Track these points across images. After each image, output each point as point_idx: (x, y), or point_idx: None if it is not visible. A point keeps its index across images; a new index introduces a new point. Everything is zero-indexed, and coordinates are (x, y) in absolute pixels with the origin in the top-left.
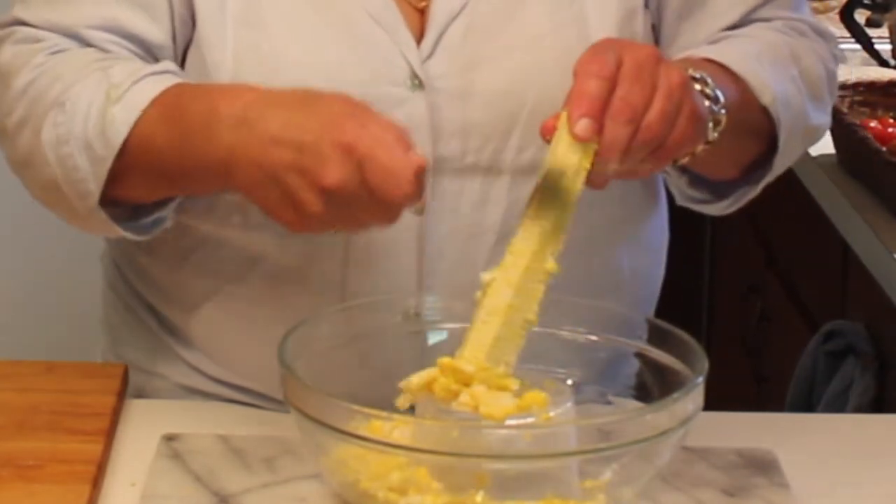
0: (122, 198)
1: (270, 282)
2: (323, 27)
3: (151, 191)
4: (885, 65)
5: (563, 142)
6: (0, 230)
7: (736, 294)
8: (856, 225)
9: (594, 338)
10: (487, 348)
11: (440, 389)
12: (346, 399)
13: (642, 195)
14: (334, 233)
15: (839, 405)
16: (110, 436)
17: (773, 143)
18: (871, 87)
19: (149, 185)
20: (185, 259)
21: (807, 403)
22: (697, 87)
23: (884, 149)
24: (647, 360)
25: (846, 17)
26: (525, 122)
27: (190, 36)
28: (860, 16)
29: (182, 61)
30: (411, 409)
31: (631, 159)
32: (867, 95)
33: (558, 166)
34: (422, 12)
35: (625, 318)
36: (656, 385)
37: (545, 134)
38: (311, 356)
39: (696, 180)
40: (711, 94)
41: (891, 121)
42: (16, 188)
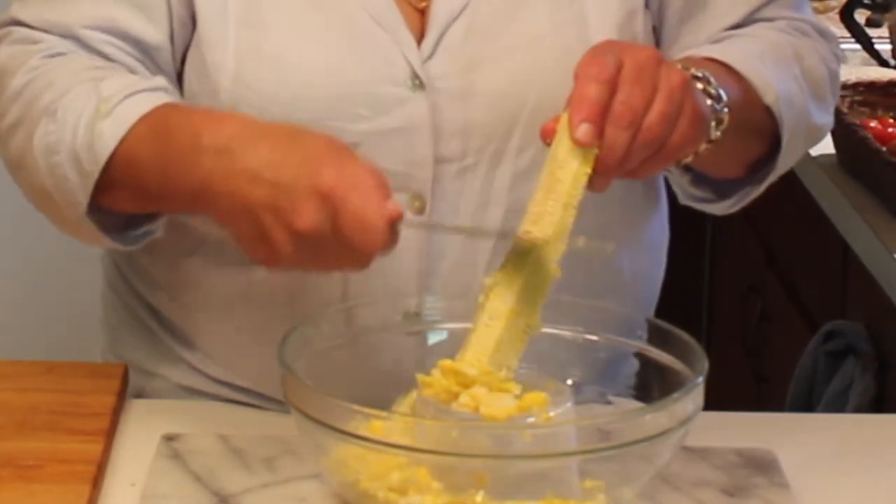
0: (111, 208)
1: (271, 282)
2: (324, 28)
3: (136, 205)
4: (885, 65)
5: (563, 145)
6: (0, 230)
7: (736, 294)
8: (856, 225)
9: (594, 338)
10: (490, 352)
11: (440, 391)
12: (346, 399)
13: (643, 196)
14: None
15: (839, 405)
16: (110, 436)
17: (776, 142)
18: (871, 87)
19: (133, 200)
20: (186, 259)
21: (807, 403)
22: (700, 85)
23: (884, 149)
24: (647, 360)
25: (846, 17)
26: (526, 122)
27: (189, 37)
28: (860, 16)
29: (182, 62)
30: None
31: (632, 161)
32: (867, 95)
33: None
34: (422, 13)
35: (625, 319)
36: (656, 385)
37: (545, 137)
38: (311, 356)
39: (698, 179)
40: (714, 93)
41: (891, 121)
42: (16, 188)
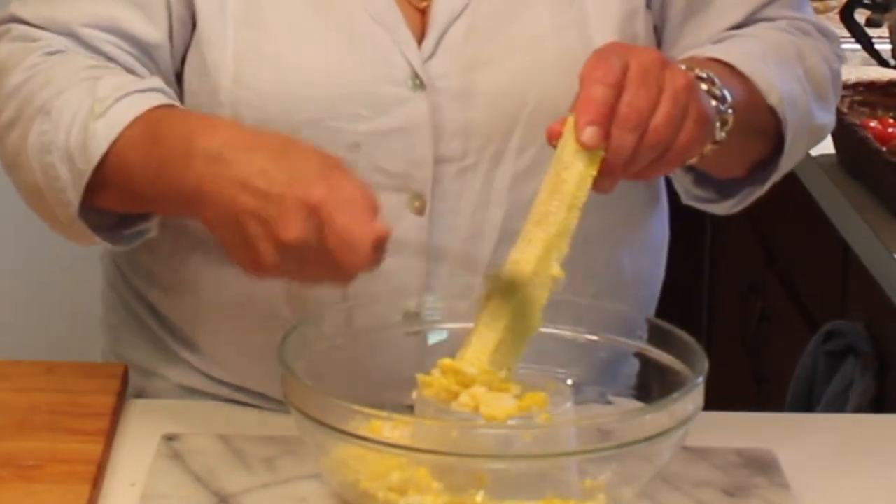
0: (103, 208)
1: (272, 282)
2: (324, 28)
3: (127, 205)
4: (885, 65)
5: (568, 147)
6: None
7: (736, 294)
8: (856, 225)
9: (594, 338)
10: (490, 353)
11: (440, 390)
12: (346, 399)
13: (644, 196)
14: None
15: (839, 405)
16: (110, 436)
17: (779, 142)
18: (871, 87)
19: (124, 201)
20: (186, 258)
21: (807, 403)
22: (704, 86)
23: (884, 149)
24: (647, 360)
25: (846, 17)
26: (526, 122)
27: (189, 37)
28: (860, 16)
29: (181, 62)
30: (410, 408)
31: (638, 163)
32: (867, 95)
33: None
34: (423, 12)
35: (625, 318)
36: (656, 385)
37: (551, 139)
38: (311, 356)
39: (701, 179)
40: (718, 94)
41: (891, 121)
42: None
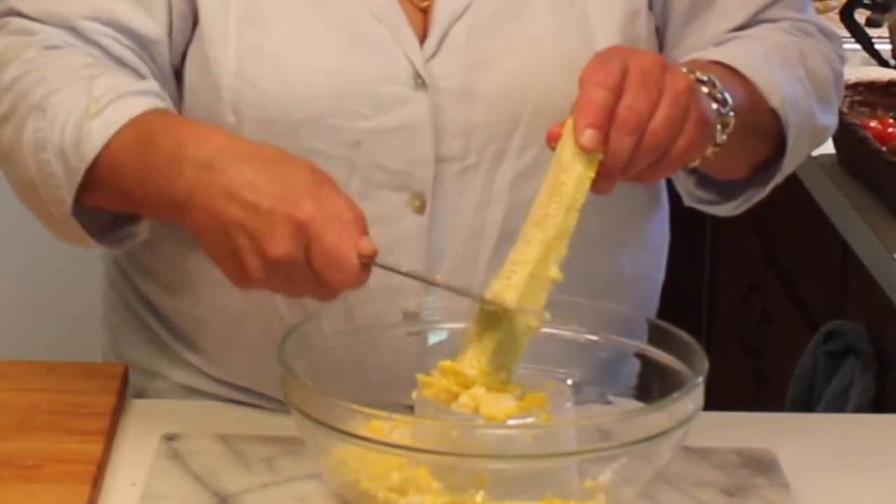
0: (97, 208)
1: None
2: (325, 27)
3: (119, 206)
4: (885, 65)
5: (567, 149)
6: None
7: (736, 294)
8: (856, 225)
9: (594, 338)
10: (490, 354)
11: (440, 391)
12: (346, 399)
13: (644, 197)
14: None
15: (839, 405)
16: (110, 436)
17: (782, 144)
18: (871, 87)
19: (115, 201)
20: (187, 257)
21: (807, 403)
22: (705, 89)
23: (884, 149)
24: (647, 360)
25: (846, 17)
26: (527, 122)
27: (190, 32)
28: (860, 16)
29: (182, 58)
30: (410, 408)
31: (637, 166)
32: (867, 95)
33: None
34: (424, 12)
35: (625, 319)
36: (656, 385)
37: (550, 141)
38: (311, 356)
39: (703, 181)
40: (719, 97)
41: (891, 121)
42: None
